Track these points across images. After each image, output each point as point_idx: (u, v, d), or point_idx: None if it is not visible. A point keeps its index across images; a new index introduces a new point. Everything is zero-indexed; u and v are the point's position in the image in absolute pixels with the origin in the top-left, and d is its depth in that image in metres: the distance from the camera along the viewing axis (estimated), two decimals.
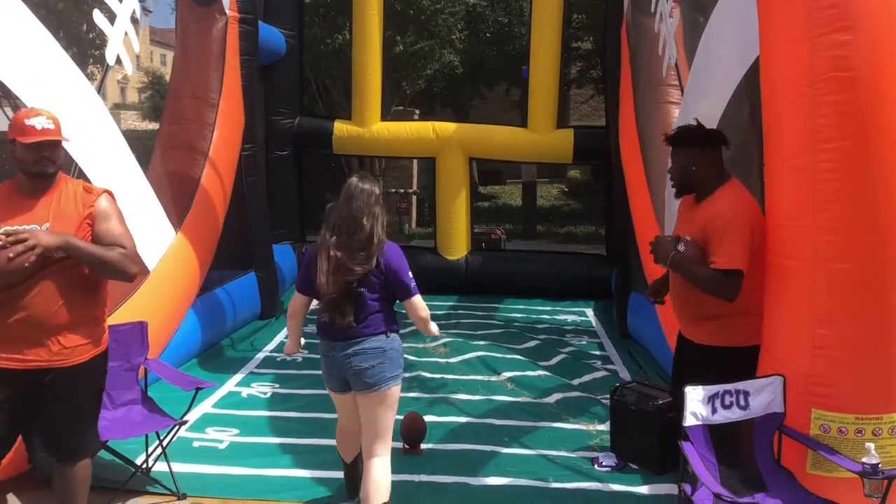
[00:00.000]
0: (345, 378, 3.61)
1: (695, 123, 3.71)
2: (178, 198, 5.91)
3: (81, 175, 4.82)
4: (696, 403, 3.26)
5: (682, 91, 5.78)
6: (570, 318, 8.81)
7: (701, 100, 5.01)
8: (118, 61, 5.50)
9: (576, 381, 6.32)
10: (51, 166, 3.14)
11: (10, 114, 18.01)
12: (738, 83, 4.47)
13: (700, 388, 3.26)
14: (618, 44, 7.63)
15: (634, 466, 4.56)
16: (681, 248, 3.54)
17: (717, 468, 3.25)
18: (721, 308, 3.48)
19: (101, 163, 4.92)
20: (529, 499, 4.15)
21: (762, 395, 3.36)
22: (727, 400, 3.27)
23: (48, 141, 3.11)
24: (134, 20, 5.60)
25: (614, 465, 4.59)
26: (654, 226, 5.81)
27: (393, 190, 16.89)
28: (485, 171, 21.34)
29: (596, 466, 4.59)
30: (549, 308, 9.18)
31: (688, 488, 3.24)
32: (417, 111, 18.31)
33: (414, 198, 17.63)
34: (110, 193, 3.32)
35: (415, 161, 17.38)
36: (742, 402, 3.31)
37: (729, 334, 3.58)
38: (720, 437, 3.31)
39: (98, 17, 5.41)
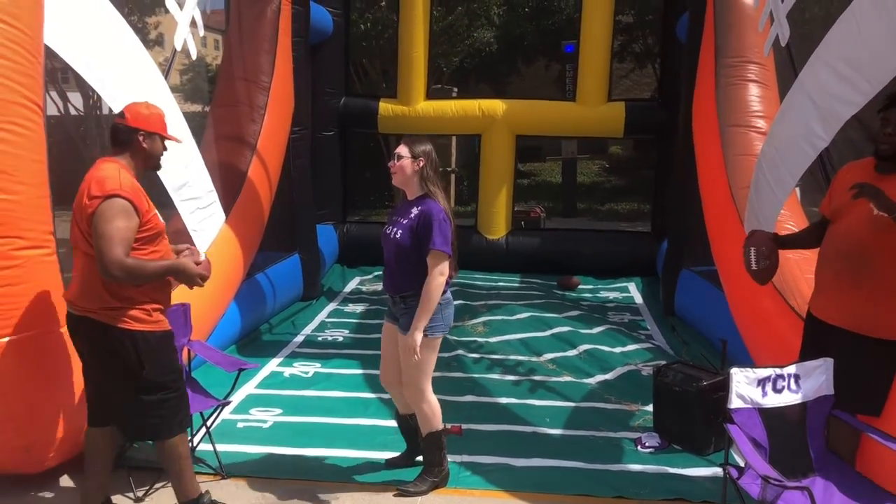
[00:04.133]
0: None
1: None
2: (227, 184, 5.92)
3: None
4: (744, 386, 3.18)
5: (795, 71, 5.40)
6: (613, 294, 8.71)
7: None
8: (185, 46, 5.49)
9: (618, 350, 6.26)
10: None
11: (57, 98, 18.12)
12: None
13: (749, 370, 3.19)
14: (701, 17, 7.33)
15: (678, 447, 4.50)
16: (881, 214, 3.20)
17: (768, 452, 3.17)
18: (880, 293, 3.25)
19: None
20: (573, 480, 4.12)
21: (812, 379, 3.28)
22: (779, 384, 3.19)
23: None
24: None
25: (657, 445, 4.53)
26: (730, 208, 5.65)
27: None
28: (524, 148, 21.11)
29: (639, 447, 4.53)
30: (590, 286, 9.08)
31: (733, 472, 3.17)
32: (455, 89, 18.18)
33: (453, 176, 17.54)
34: None
35: (454, 139, 17.28)
36: (793, 386, 3.22)
37: (890, 325, 3.30)
38: (770, 421, 3.23)
39: (169, 1, 5.40)
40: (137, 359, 3.33)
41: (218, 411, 4.28)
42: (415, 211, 3.74)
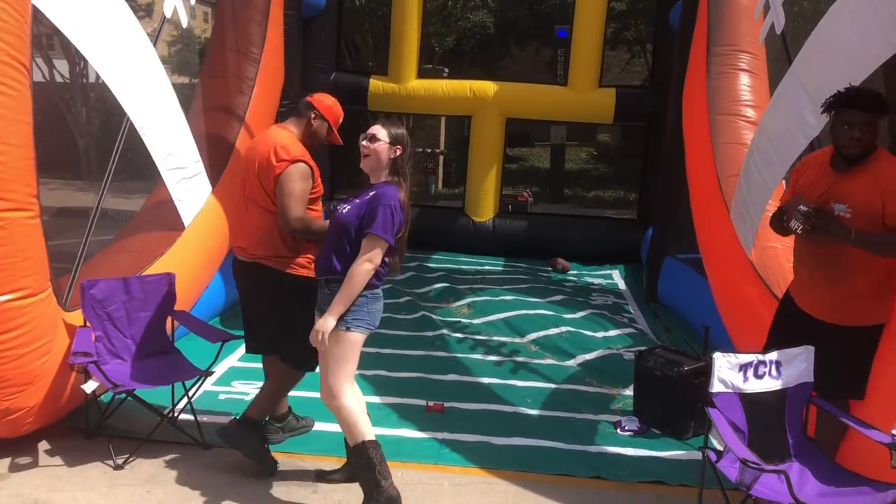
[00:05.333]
0: None
1: (846, 89, 3.39)
2: (214, 155, 5.85)
3: (132, 127, 4.80)
4: (726, 371, 3.21)
5: (790, 59, 5.40)
6: (597, 280, 8.75)
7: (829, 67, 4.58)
8: (175, 14, 5.40)
9: (600, 335, 6.30)
10: None
11: (42, 64, 17.83)
12: (883, 61, 4.16)
13: (732, 356, 3.21)
14: (694, 5, 7.30)
15: (657, 431, 4.54)
16: (842, 213, 3.27)
17: (747, 437, 3.20)
18: (871, 286, 3.30)
19: (153, 116, 4.88)
20: (551, 459, 4.16)
21: (793, 366, 3.31)
22: (760, 370, 3.22)
23: None
24: None
25: (637, 429, 4.57)
26: (717, 196, 5.67)
27: (420, 149, 16.79)
28: (512, 133, 21.08)
29: (619, 430, 4.57)
30: (575, 272, 9.11)
31: (712, 455, 3.20)
32: (446, 69, 18.10)
33: (441, 158, 17.51)
34: None
35: (443, 120, 17.23)
36: (774, 373, 3.25)
37: (867, 314, 3.35)
38: (750, 406, 3.26)
39: None
40: (297, 299, 3.74)
41: (200, 382, 4.26)
42: (370, 193, 3.38)
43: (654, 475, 4.01)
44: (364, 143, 3.44)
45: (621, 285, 8.54)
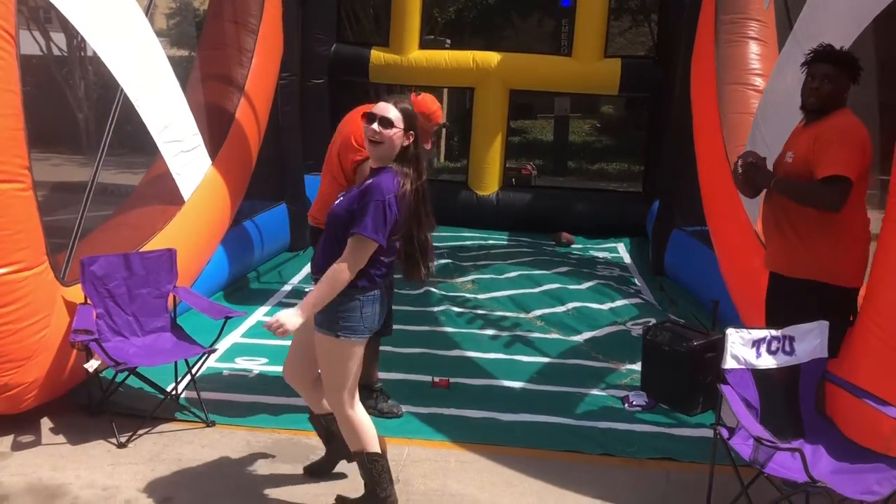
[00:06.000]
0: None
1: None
2: (213, 128, 5.74)
3: (126, 100, 4.70)
4: (739, 346, 3.14)
5: (791, 24, 5.36)
6: (602, 254, 8.67)
7: (820, 37, 4.59)
8: None
9: (606, 306, 6.24)
10: None
11: (40, 37, 17.71)
12: (866, 26, 4.14)
13: (745, 331, 3.15)
14: None
15: (665, 407, 4.50)
16: (788, 158, 3.46)
17: (759, 413, 3.14)
18: (822, 239, 3.34)
19: (147, 88, 4.78)
20: (559, 436, 4.11)
21: (807, 341, 3.24)
22: (773, 345, 3.15)
23: None
24: None
25: (644, 404, 4.52)
26: (724, 167, 5.57)
27: None
28: (515, 105, 20.87)
29: (626, 406, 4.52)
30: (580, 245, 9.03)
31: (724, 432, 3.15)
32: (449, 41, 17.87)
33: (443, 130, 17.33)
34: None
35: (445, 92, 17.02)
36: (787, 348, 3.19)
37: (826, 271, 3.37)
38: (762, 382, 3.21)
39: None
40: None
41: (203, 359, 4.20)
42: (366, 183, 2.98)
43: (664, 451, 3.96)
44: (375, 127, 2.92)
45: (626, 259, 8.47)
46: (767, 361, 3.19)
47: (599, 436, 4.13)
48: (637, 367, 5.05)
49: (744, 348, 3.15)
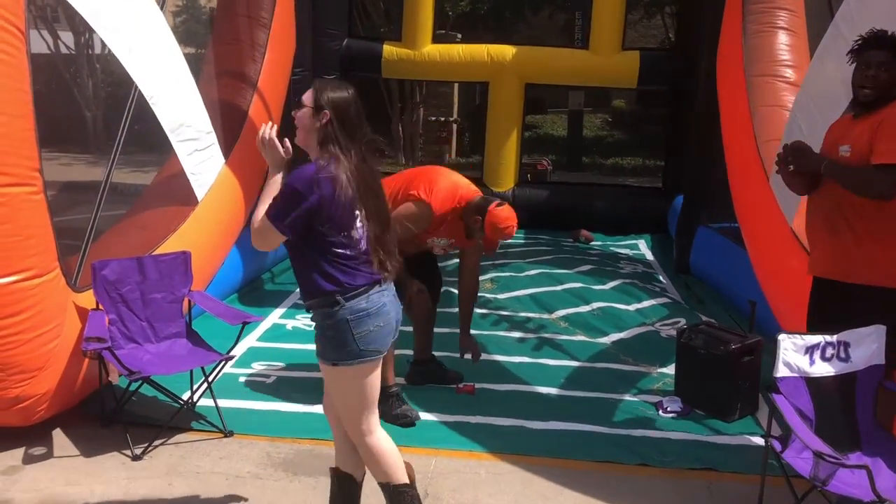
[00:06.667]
0: None
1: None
2: (227, 126, 5.58)
3: (140, 98, 4.54)
4: (792, 353, 2.95)
5: (833, 12, 5.15)
6: (623, 250, 8.47)
7: (869, 23, 4.38)
8: None
9: (633, 307, 6.05)
10: None
11: (47, 35, 17.67)
12: None
13: (798, 336, 2.96)
14: None
15: (701, 413, 4.30)
16: (844, 152, 3.21)
17: (814, 424, 2.95)
18: (883, 238, 3.11)
19: (163, 85, 4.62)
20: (592, 445, 3.92)
21: (864, 346, 3.05)
22: (828, 352, 2.96)
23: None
24: None
25: (680, 410, 4.33)
26: (755, 162, 5.38)
27: (433, 118, 16.42)
28: (526, 100, 20.64)
29: (660, 412, 4.33)
30: (599, 243, 8.83)
31: (776, 444, 2.96)
32: (459, 35, 17.66)
33: (454, 126, 17.14)
34: None
35: (456, 87, 16.84)
36: (843, 354, 3.00)
37: (884, 274, 3.12)
38: (815, 391, 3.01)
39: None
40: None
41: (220, 367, 4.03)
42: None
43: (704, 461, 3.76)
44: (293, 113, 2.75)
45: (648, 256, 8.26)
46: (822, 369, 3.00)
47: (634, 444, 3.94)
48: (668, 370, 4.87)
49: (797, 355, 2.96)
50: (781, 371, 2.96)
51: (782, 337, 2.96)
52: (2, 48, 3.14)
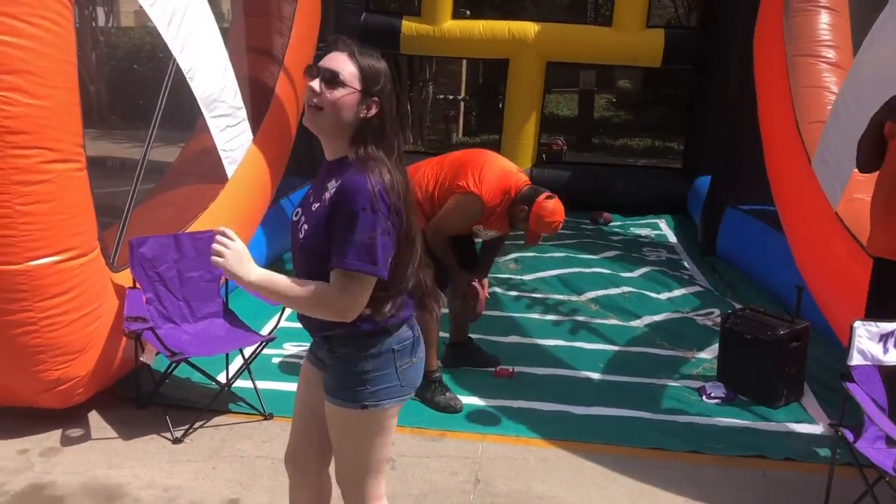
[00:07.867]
0: None
1: None
2: (254, 101, 5.42)
3: (177, 68, 4.39)
4: (866, 341, 2.87)
5: None
6: (644, 231, 8.36)
7: None
8: None
9: (664, 296, 5.96)
10: None
11: (105, 9, 17.20)
12: None
13: (872, 324, 2.87)
14: None
15: (745, 399, 4.23)
16: None
17: (887, 413, 2.88)
18: None
19: (200, 59, 4.47)
20: (640, 431, 3.85)
21: None
22: None
23: None
24: None
25: (724, 396, 4.26)
26: (796, 144, 5.25)
27: (441, 96, 16.21)
28: (547, 78, 20.33)
29: (704, 398, 4.26)
30: (619, 223, 8.73)
31: (848, 434, 2.89)
32: (468, 12, 17.42)
33: (462, 105, 16.93)
34: None
35: (464, 65, 16.61)
36: None
37: None
38: (889, 380, 2.94)
39: None
40: None
41: (260, 348, 3.93)
42: (332, 188, 1.96)
43: (754, 448, 3.70)
44: (315, 85, 1.95)
45: (671, 237, 8.15)
46: None
47: (682, 431, 3.87)
48: (706, 355, 4.81)
49: (871, 343, 2.89)
50: (856, 359, 2.88)
51: (857, 324, 2.87)
52: (52, 17, 3.00)
